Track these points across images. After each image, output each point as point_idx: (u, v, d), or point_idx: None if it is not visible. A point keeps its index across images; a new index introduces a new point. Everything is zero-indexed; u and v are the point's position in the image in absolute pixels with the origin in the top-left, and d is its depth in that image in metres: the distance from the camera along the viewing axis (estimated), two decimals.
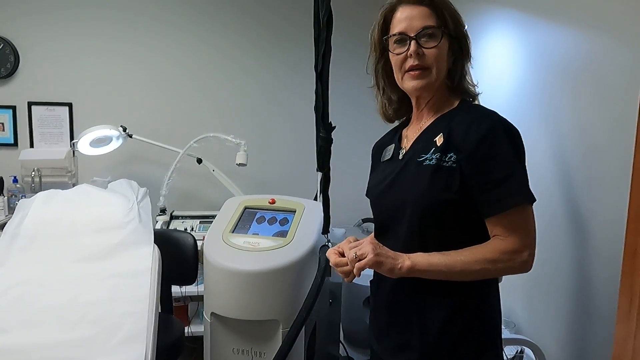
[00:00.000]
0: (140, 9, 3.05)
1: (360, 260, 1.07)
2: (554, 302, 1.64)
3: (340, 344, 2.52)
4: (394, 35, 1.18)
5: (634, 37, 1.30)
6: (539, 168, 1.73)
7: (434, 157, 1.12)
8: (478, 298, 1.15)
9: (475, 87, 1.25)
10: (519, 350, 1.62)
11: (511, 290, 1.85)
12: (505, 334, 1.69)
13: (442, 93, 1.22)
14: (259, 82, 3.22)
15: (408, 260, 1.07)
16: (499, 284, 1.27)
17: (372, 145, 1.43)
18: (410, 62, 1.15)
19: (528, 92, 1.82)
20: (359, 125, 3.06)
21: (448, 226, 1.13)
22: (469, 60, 1.22)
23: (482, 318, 1.16)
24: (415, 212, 1.14)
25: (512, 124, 1.14)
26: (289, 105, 3.23)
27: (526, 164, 1.14)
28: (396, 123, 1.38)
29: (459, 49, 1.19)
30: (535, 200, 1.09)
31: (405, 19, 1.16)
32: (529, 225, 1.09)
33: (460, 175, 1.09)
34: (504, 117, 1.15)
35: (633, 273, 0.85)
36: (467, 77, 1.23)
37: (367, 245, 1.08)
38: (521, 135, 1.14)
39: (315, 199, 2.07)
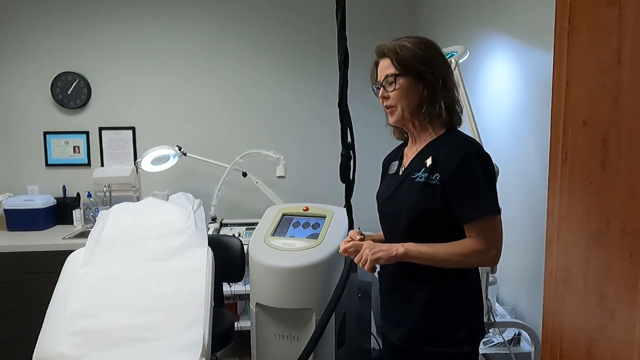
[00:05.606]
0: (191, 47, 3.44)
1: (364, 264, 1.37)
2: None
3: (373, 337, 2.76)
4: (375, 84, 1.50)
5: None
6: (531, 178, 1.95)
7: (423, 175, 1.39)
8: (453, 286, 1.41)
9: (458, 110, 1.46)
10: (517, 332, 1.84)
11: (516, 282, 2.08)
12: (507, 318, 1.92)
13: (424, 121, 1.45)
14: (297, 103, 3.54)
15: (402, 248, 1.35)
16: (494, 274, 1.50)
17: (375, 159, 1.69)
18: (383, 103, 1.47)
19: (524, 110, 2.04)
20: (371, 143, 3.28)
21: (431, 228, 1.39)
22: (446, 90, 1.40)
23: (456, 302, 1.41)
24: (408, 218, 1.42)
25: (484, 152, 1.38)
26: (323, 122, 3.52)
27: (499, 180, 1.39)
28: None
29: (430, 85, 1.39)
30: (500, 211, 1.35)
31: (379, 70, 1.47)
32: (495, 231, 1.34)
33: (441, 191, 1.36)
34: (479, 143, 1.41)
35: None
36: (440, 105, 1.40)
37: (364, 251, 1.38)
38: (492, 160, 1.39)
39: (345, 206, 2.35)
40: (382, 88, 1.46)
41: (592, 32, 0.86)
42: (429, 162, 1.40)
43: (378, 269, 1.46)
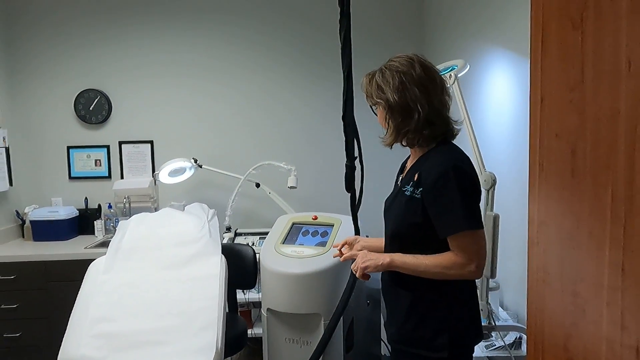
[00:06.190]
0: (205, 63, 3.58)
1: (356, 272, 1.51)
2: None
3: (383, 344, 2.81)
4: None
5: None
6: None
7: (410, 189, 1.47)
8: (432, 293, 1.46)
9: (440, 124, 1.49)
10: (518, 336, 1.90)
11: (519, 288, 2.13)
12: (509, 322, 1.97)
13: (409, 140, 1.51)
14: (309, 115, 3.66)
15: (388, 258, 1.46)
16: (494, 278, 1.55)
17: (382, 169, 1.77)
18: None
19: (524, 121, 2.09)
20: (379, 153, 3.37)
21: (416, 240, 1.48)
22: (416, 116, 1.44)
23: (436, 308, 1.47)
24: (394, 229, 1.53)
25: (464, 168, 1.41)
26: (333, 134, 3.52)
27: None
28: None
29: (397, 113, 1.47)
30: (479, 226, 1.38)
31: None
32: (475, 244, 1.38)
33: (422, 205, 1.43)
34: (461, 159, 1.44)
35: None
36: (416, 129, 1.46)
37: (358, 259, 1.52)
38: (474, 175, 1.44)
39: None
40: None
41: (561, 52, 0.94)
42: (416, 176, 1.47)
43: (371, 276, 1.57)
